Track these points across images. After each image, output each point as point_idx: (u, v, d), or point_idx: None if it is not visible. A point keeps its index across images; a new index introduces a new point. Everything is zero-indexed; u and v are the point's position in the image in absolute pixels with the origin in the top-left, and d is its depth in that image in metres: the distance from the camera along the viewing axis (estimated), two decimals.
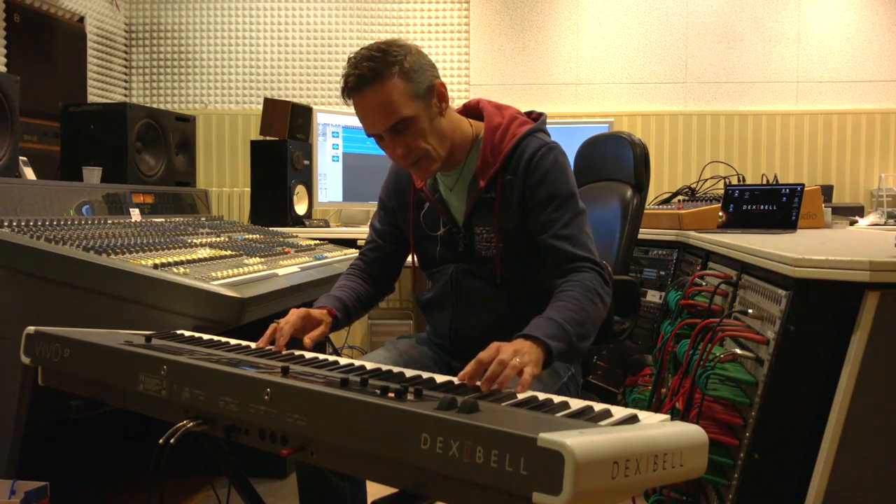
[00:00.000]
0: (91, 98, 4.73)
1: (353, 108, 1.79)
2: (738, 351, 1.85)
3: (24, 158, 3.14)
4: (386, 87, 1.73)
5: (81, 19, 4.39)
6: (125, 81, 5.32)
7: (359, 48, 1.80)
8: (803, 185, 2.89)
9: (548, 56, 5.27)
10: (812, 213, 3.16)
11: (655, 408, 2.29)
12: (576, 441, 0.88)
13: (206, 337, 1.78)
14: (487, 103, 1.98)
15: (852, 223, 4.01)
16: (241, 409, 1.24)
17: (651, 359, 2.74)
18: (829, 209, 3.58)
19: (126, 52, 5.34)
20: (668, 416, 1.15)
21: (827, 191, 4.49)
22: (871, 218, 4.38)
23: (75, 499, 2.75)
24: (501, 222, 1.88)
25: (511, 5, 5.26)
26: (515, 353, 1.47)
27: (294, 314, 1.77)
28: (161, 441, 1.29)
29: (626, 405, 1.71)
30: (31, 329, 1.63)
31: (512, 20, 5.26)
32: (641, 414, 1.14)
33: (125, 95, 5.30)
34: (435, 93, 1.81)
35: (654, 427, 1.05)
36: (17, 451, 2.14)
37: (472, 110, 2.00)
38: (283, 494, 2.92)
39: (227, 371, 1.29)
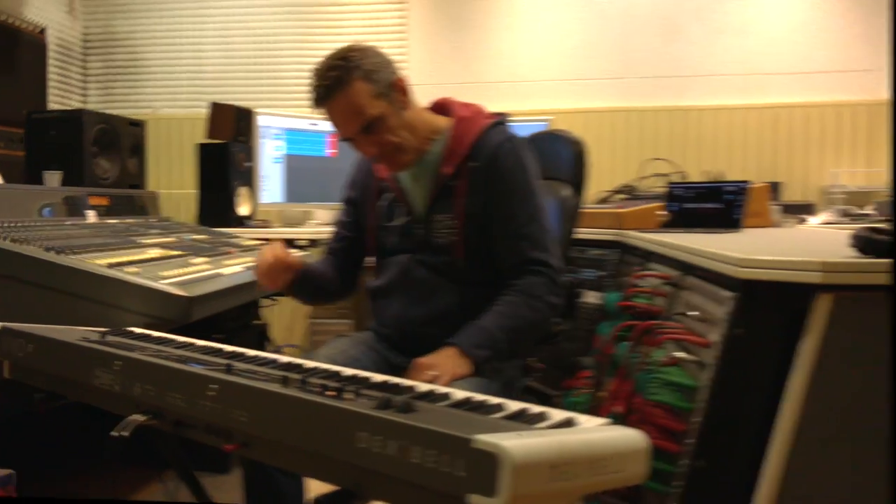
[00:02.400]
0: (51, 105, 4.80)
1: (324, 113, 1.89)
2: (680, 354, 1.79)
3: None
4: (351, 91, 1.84)
5: (43, 30, 4.51)
6: (82, 88, 5.42)
7: (322, 58, 1.89)
8: (747, 182, 2.82)
9: (485, 54, 5.12)
10: (758, 212, 3.05)
11: (594, 412, 2.22)
12: (512, 443, 0.87)
13: (155, 334, 1.80)
14: (454, 101, 2.08)
15: (801, 221, 3.88)
16: (189, 405, 1.25)
17: (589, 361, 2.67)
18: (778, 207, 3.50)
19: (83, 61, 5.42)
20: (608, 420, 1.11)
21: (776, 188, 4.29)
22: (822, 216, 4.20)
23: (40, 487, 2.79)
24: (466, 207, 1.93)
25: (449, 4, 5.13)
26: (433, 366, 1.72)
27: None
28: (112, 434, 1.32)
29: (564, 408, 1.73)
30: None
31: (450, 19, 5.14)
32: (580, 417, 1.11)
33: (83, 102, 5.37)
34: (396, 88, 1.90)
35: (593, 431, 1.04)
36: None
37: (440, 108, 2.08)
38: (226, 489, 2.89)
39: (176, 367, 1.32)
